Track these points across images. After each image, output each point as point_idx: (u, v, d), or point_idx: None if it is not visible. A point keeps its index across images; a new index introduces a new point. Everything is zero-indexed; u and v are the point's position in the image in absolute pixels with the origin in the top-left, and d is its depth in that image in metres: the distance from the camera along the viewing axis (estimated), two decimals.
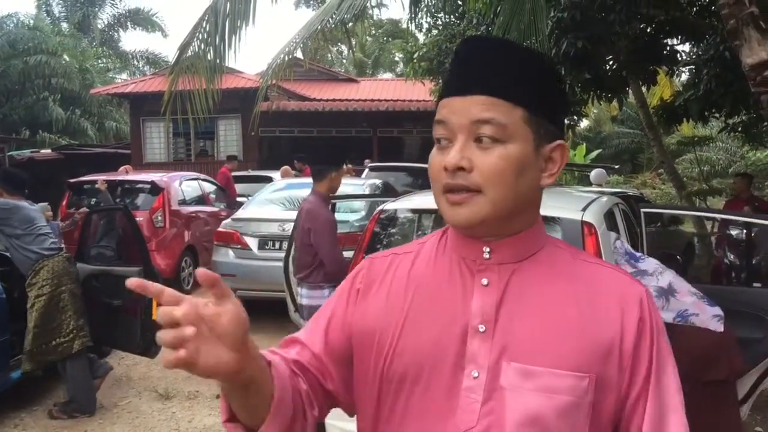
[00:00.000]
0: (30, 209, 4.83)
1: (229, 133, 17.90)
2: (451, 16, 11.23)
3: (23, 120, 21.82)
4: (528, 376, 0.96)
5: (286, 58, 6.54)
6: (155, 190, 9.18)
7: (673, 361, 1.03)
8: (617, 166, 22.60)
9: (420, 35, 13.91)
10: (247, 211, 7.87)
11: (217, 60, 5.84)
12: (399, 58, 31.43)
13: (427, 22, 11.87)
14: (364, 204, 7.37)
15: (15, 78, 21.89)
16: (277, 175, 11.46)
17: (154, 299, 0.82)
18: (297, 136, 18.77)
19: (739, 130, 9.52)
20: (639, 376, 1.00)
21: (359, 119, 18.51)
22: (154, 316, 4.37)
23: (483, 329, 1.00)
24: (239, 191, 11.32)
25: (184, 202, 9.55)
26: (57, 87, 22.23)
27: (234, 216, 7.88)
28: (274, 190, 8.29)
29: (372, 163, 14.32)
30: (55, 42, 22.81)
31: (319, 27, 6.35)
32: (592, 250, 3.27)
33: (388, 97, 19.48)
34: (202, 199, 10.21)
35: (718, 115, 8.48)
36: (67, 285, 4.73)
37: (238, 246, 7.30)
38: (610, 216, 3.92)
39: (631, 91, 10.70)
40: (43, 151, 17.35)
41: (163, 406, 5.04)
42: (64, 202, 9.48)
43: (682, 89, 9.64)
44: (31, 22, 24.89)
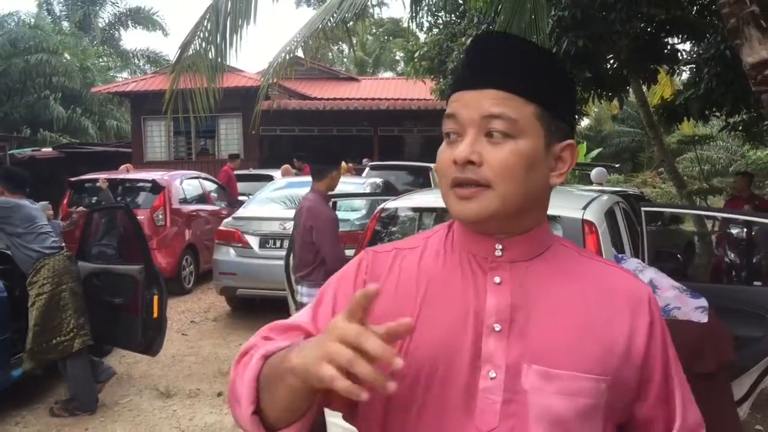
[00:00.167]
0: (31, 208, 4.83)
1: (230, 132, 17.91)
2: (452, 15, 11.23)
3: (24, 118, 21.83)
4: (550, 379, 0.96)
5: (287, 57, 6.54)
6: (156, 188, 9.20)
7: (676, 355, 1.06)
8: (618, 165, 22.60)
9: (421, 34, 13.93)
10: (248, 209, 7.89)
11: (219, 59, 5.84)
12: (400, 57, 31.45)
13: (427, 20, 11.88)
14: (364, 203, 7.38)
15: (16, 76, 21.91)
16: (277, 173, 11.46)
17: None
18: (298, 135, 18.79)
19: (740, 129, 9.51)
20: (654, 376, 1.02)
21: (360, 118, 18.52)
22: (155, 315, 4.36)
23: (499, 329, 0.99)
24: (240, 190, 11.32)
25: (185, 201, 9.56)
26: (58, 85, 22.24)
27: (235, 214, 7.90)
28: (274, 189, 8.30)
29: (371, 162, 14.34)
30: (56, 40, 22.82)
31: (320, 26, 6.35)
32: (593, 248, 3.29)
33: (389, 95, 19.48)
34: (203, 198, 10.22)
35: (718, 113, 8.47)
36: (68, 283, 4.73)
37: (239, 244, 7.32)
38: (610, 215, 3.93)
39: (631, 89, 10.70)
40: (44, 149, 17.38)
41: (164, 404, 5.04)
42: (65, 201, 9.50)
43: (682, 88, 9.62)
44: (32, 20, 24.91)
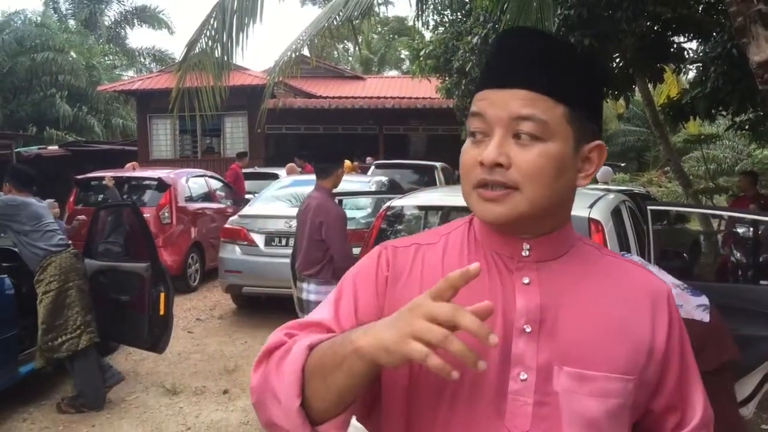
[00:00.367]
0: (38, 206, 4.86)
1: (236, 131, 17.95)
2: (458, 14, 11.21)
3: (30, 117, 21.93)
4: (583, 381, 0.96)
5: (293, 56, 6.54)
6: (162, 186, 9.23)
7: (692, 350, 1.08)
8: (623, 164, 22.58)
9: (426, 32, 13.94)
10: (253, 207, 7.91)
11: (225, 57, 5.85)
12: (405, 56, 31.48)
13: (433, 19, 11.88)
14: (369, 201, 7.39)
15: (22, 75, 22.01)
16: (283, 172, 11.48)
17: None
18: (303, 134, 18.81)
19: (746, 128, 9.50)
20: (671, 370, 1.04)
21: (365, 116, 18.52)
22: (161, 312, 4.36)
23: (529, 330, 0.97)
24: (246, 188, 11.35)
25: (190, 199, 9.59)
26: (64, 84, 22.34)
27: (241, 213, 7.92)
28: (280, 187, 8.32)
29: (375, 161, 14.34)
30: (62, 39, 22.91)
31: (326, 24, 6.34)
32: None
33: (395, 94, 19.47)
34: (208, 196, 10.25)
35: (725, 112, 8.44)
36: (75, 281, 4.75)
37: (245, 242, 7.33)
38: (616, 213, 3.93)
39: (637, 88, 10.68)
40: (50, 147, 17.45)
41: (171, 401, 5.06)
42: (72, 199, 9.55)
43: (689, 87, 9.58)
44: (39, 19, 25.06)
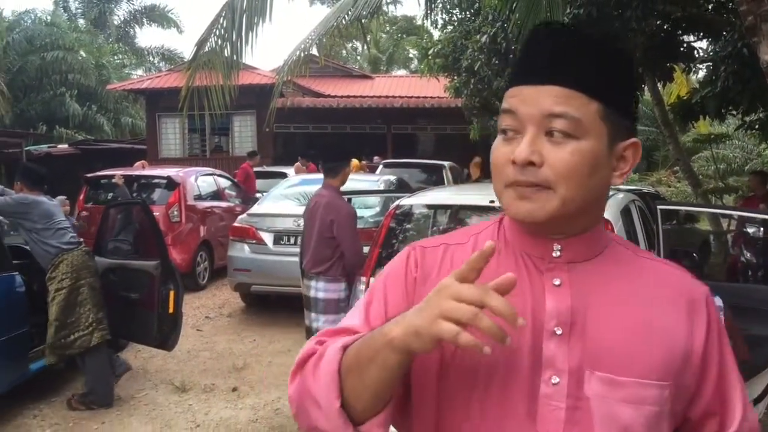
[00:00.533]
0: (49, 204, 4.89)
1: (244, 129, 17.99)
2: (467, 13, 11.22)
3: (40, 115, 22.04)
4: (615, 386, 0.94)
5: (302, 55, 6.55)
6: (171, 185, 9.27)
7: (733, 355, 1.04)
8: None
9: (435, 31, 13.93)
10: (262, 206, 7.94)
11: (234, 56, 5.86)
12: (413, 55, 31.44)
13: (442, 18, 11.88)
14: (378, 200, 7.41)
15: (32, 74, 22.13)
16: (291, 171, 11.52)
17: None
18: (311, 133, 18.83)
19: (756, 127, 9.43)
20: (710, 375, 1.00)
21: (373, 116, 18.53)
22: (170, 310, 4.37)
23: (560, 332, 0.95)
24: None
25: (199, 197, 9.63)
26: (74, 83, 22.45)
27: (249, 211, 7.95)
28: (288, 186, 8.35)
29: (383, 160, 14.35)
30: (72, 38, 23.04)
31: (334, 23, 6.35)
32: None
33: (403, 93, 19.46)
34: (217, 195, 10.28)
35: (735, 112, 8.40)
36: (87, 279, 4.78)
37: (254, 241, 7.36)
38: (626, 213, 3.93)
39: (647, 88, 10.64)
40: (60, 146, 17.56)
41: (180, 398, 5.08)
42: (82, 197, 9.61)
43: (698, 86, 9.54)
44: (48, 18, 25.20)
